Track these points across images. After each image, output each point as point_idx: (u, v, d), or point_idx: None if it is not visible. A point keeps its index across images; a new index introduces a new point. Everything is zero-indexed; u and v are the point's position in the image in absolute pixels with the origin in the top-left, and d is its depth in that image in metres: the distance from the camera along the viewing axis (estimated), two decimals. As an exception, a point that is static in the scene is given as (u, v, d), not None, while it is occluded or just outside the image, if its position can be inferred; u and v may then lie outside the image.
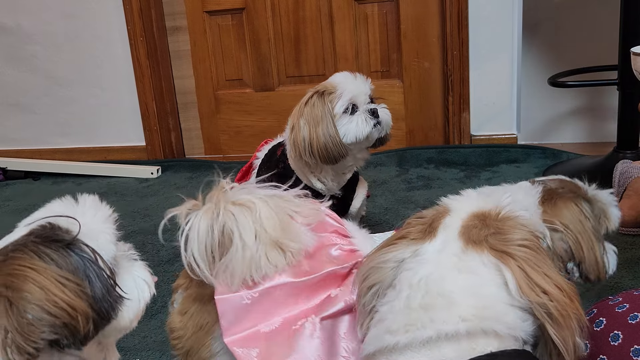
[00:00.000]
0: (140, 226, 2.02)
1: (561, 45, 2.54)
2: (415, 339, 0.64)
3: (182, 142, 2.89)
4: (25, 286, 0.60)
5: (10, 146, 2.98)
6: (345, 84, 1.41)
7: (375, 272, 0.72)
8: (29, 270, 0.62)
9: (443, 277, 0.67)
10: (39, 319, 0.60)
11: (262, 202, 0.77)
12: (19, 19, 2.76)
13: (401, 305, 0.67)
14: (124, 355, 1.28)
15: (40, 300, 0.60)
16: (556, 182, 1.03)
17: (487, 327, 0.63)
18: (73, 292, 0.63)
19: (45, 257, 0.64)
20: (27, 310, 0.60)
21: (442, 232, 0.71)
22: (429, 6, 2.44)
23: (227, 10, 2.66)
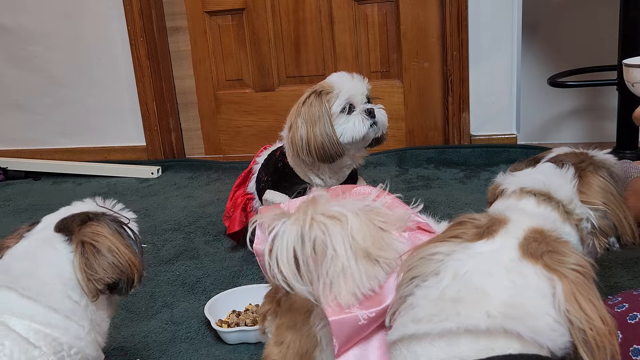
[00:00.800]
0: (140, 226, 2.01)
1: (561, 45, 2.54)
2: (434, 329, 0.64)
3: (182, 142, 2.90)
4: (105, 241, 0.90)
5: (10, 146, 2.98)
6: (342, 83, 1.41)
7: (422, 264, 0.71)
8: (106, 232, 0.92)
9: (489, 273, 0.66)
10: (111, 265, 0.89)
11: (353, 215, 0.75)
12: (19, 19, 2.77)
13: (436, 294, 0.66)
14: (124, 355, 1.28)
15: (114, 252, 0.90)
16: (571, 157, 1.08)
17: (511, 327, 0.62)
18: (132, 253, 0.94)
19: (113, 229, 0.94)
20: (106, 256, 0.89)
21: (501, 236, 0.71)
22: (428, 6, 2.44)
23: (227, 11, 2.66)
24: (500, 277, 0.66)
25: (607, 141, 2.27)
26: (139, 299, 1.52)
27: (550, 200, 1.01)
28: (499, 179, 1.11)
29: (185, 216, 2.07)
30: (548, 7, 2.52)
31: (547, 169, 1.07)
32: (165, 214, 2.12)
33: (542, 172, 1.06)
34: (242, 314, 1.34)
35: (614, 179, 1.07)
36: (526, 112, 2.56)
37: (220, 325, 1.30)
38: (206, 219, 2.02)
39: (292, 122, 1.42)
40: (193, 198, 2.27)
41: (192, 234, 1.91)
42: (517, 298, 0.64)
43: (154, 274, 1.66)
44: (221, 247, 1.78)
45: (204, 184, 2.45)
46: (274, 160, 1.56)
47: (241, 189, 1.70)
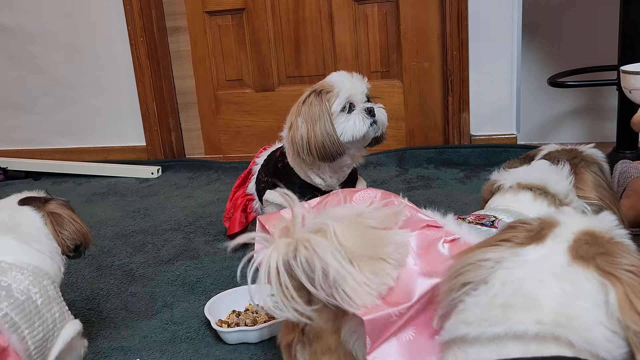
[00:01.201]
0: (140, 226, 2.02)
1: (561, 45, 2.54)
2: (484, 333, 0.64)
3: (182, 142, 2.90)
4: (66, 213, 1.18)
5: (10, 146, 2.98)
6: (342, 82, 1.41)
7: (473, 270, 0.70)
8: (64, 208, 1.19)
9: (539, 280, 0.65)
10: (75, 230, 1.17)
11: (337, 223, 0.75)
12: (19, 19, 2.77)
13: (485, 300, 0.66)
14: (124, 355, 1.28)
15: (75, 221, 1.18)
16: (563, 154, 1.10)
17: (562, 335, 0.61)
18: (84, 225, 1.20)
19: (67, 206, 1.21)
20: (71, 223, 1.17)
21: (551, 240, 0.70)
22: (428, 6, 2.44)
23: (227, 11, 2.66)
24: (550, 284, 0.65)
25: (607, 141, 2.27)
26: (139, 299, 1.52)
27: (546, 195, 1.02)
28: (495, 176, 1.12)
29: (185, 216, 2.07)
30: (548, 7, 2.52)
31: (542, 165, 1.09)
32: (165, 214, 2.12)
33: (537, 169, 1.08)
34: (242, 314, 1.34)
35: (604, 173, 1.11)
36: (526, 112, 2.56)
37: (220, 325, 1.30)
38: (206, 219, 2.02)
39: (292, 121, 1.42)
40: (193, 198, 2.27)
41: (192, 234, 1.91)
42: (569, 308, 0.63)
43: (154, 274, 1.66)
44: (221, 247, 1.78)
45: (204, 184, 2.45)
46: (274, 161, 1.56)
47: (241, 189, 1.70)
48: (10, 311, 0.94)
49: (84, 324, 1.44)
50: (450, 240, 0.84)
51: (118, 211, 2.19)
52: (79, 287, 1.60)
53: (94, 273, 1.68)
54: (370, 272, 0.74)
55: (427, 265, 0.79)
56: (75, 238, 1.17)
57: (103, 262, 1.75)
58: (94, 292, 1.57)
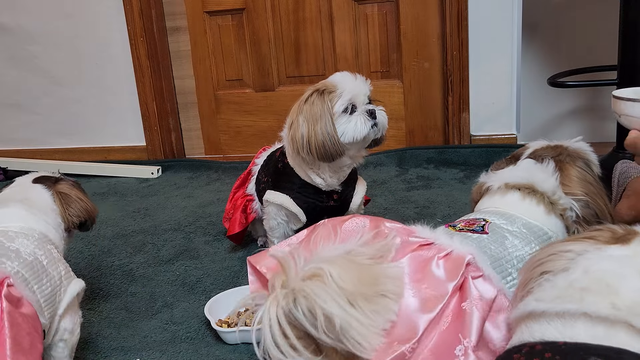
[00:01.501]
0: (140, 226, 2.02)
1: (561, 45, 2.54)
2: (554, 308, 0.63)
3: (182, 142, 2.90)
4: (74, 193, 1.30)
5: (10, 146, 2.98)
6: (345, 83, 1.41)
7: (553, 260, 0.70)
8: (73, 188, 1.31)
9: (621, 274, 0.64)
10: (81, 208, 1.29)
11: (332, 265, 0.74)
12: (19, 19, 2.77)
13: (564, 283, 0.66)
14: (124, 355, 1.28)
15: (81, 200, 1.30)
16: (548, 151, 1.10)
17: (636, 322, 0.60)
18: (91, 203, 1.33)
19: (76, 186, 1.34)
20: (77, 202, 1.29)
21: (636, 244, 0.68)
22: (428, 6, 2.44)
23: (227, 11, 2.66)
24: (633, 279, 0.63)
25: (607, 141, 2.27)
26: (139, 299, 1.52)
27: (534, 193, 1.03)
28: (483, 178, 1.12)
29: (185, 216, 2.07)
30: (548, 7, 2.52)
31: (528, 164, 1.09)
32: (165, 214, 2.12)
33: (524, 168, 1.09)
34: (242, 313, 1.34)
35: (591, 167, 1.12)
36: (526, 112, 2.56)
37: (220, 325, 1.30)
38: (206, 219, 2.02)
39: (293, 119, 1.42)
40: (193, 198, 2.27)
41: (192, 234, 1.91)
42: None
43: (154, 274, 1.66)
44: (221, 247, 1.78)
45: (204, 184, 2.45)
46: (274, 161, 1.56)
47: (240, 190, 1.70)
48: (21, 269, 1.05)
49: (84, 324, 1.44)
50: (444, 255, 0.84)
51: (118, 211, 2.19)
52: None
53: (94, 273, 1.68)
54: (372, 312, 0.74)
55: (424, 292, 0.79)
56: (80, 215, 1.30)
57: (103, 262, 1.75)
58: (94, 292, 1.57)
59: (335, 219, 0.91)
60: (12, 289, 0.99)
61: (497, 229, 0.96)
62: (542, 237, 0.97)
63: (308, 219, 1.50)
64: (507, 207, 1.03)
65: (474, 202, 1.14)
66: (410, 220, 1.83)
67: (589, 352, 0.58)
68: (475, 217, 1.01)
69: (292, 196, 1.47)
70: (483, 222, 0.97)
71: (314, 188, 1.48)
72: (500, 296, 0.84)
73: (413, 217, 1.87)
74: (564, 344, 0.61)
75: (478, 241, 0.91)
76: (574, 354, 0.59)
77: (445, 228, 0.97)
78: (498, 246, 0.91)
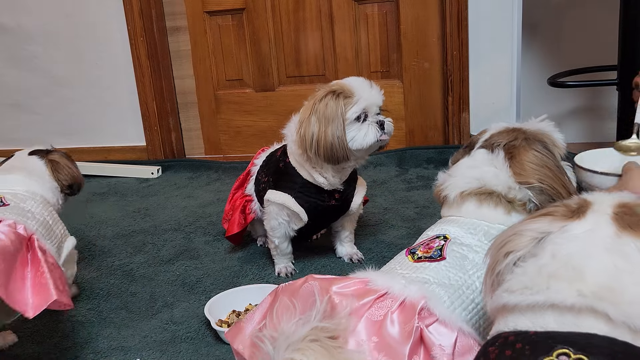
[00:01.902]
0: (140, 226, 2.02)
1: (561, 45, 2.54)
2: (524, 301, 0.64)
3: (182, 142, 2.90)
4: (63, 161, 1.56)
5: (10, 146, 2.98)
6: (362, 91, 1.41)
7: (514, 239, 0.70)
8: (62, 158, 1.58)
9: (589, 254, 0.65)
10: (68, 174, 1.55)
11: (302, 353, 0.74)
12: (19, 19, 2.77)
13: (533, 270, 0.66)
14: (124, 355, 1.29)
15: (68, 167, 1.56)
16: (503, 136, 1.08)
17: (601, 308, 0.60)
18: (78, 170, 1.60)
19: (65, 157, 1.60)
20: (65, 169, 1.56)
21: (591, 214, 0.69)
22: (428, 6, 2.44)
23: (228, 11, 2.66)
24: (601, 258, 0.64)
25: (607, 141, 2.27)
26: (139, 299, 1.52)
27: (490, 196, 1.01)
28: (441, 179, 1.10)
29: (185, 216, 2.07)
30: (548, 7, 2.52)
31: (479, 158, 1.07)
32: (165, 214, 2.12)
33: (475, 166, 1.06)
34: (242, 314, 1.34)
35: (549, 149, 1.07)
36: (526, 112, 2.56)
37: (220, 325, 1.30)
38: (206, 219, 2.02)
39: (305, 118, 1.41)
40: (193, 198, 2.27)
41: (192, 234, 1.91)
42: (617, 282, 0.62)
43: (154, 274, 1.66)
44: (221, 247, 1.78)
45: (204, 184, 2.45)
46: (275, 160, 1.56)
47: (239, 191, 1.70)
48: (38, 227, 1.27)
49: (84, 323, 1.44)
50: (397, 306, 0.82)
51: (118, 211, 2.19)
52: (80, 287, 1.60)
53: (94, 273, 1.68)
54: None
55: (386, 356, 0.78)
56: (68, 179, 1.54)
57: (103, 262, 1.76)
58: (94, 292, 1.57)
59: (289, 288, 0.90)
60: (40, 242, 1.21)
61: (455, 250, 0.94)
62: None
63: (309, 219, 1.50)
64: (467, 216, 1.02)
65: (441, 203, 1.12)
66: (410, 220, 1.84)
67: (557, 340, 0.60)
68: (436, 235, 0.98)
69: (293, 195, 1.48)
70: (442, 242, 0.95)
71: (316, 187, 1.48)
72: (461, 336, 0.82)
73: (413, 217, 1.87)
74: (535, 334, 0.62)
75: (436, 272, 0.89)
76: (543, 343, 0.60)
77: (405, 257, 0.95)
78: (458, 271, 0.90)
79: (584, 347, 0.58)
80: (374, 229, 1.81)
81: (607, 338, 0.60)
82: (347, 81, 1.45)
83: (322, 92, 1.42)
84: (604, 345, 0.59)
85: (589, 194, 0.75)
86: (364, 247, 1.66)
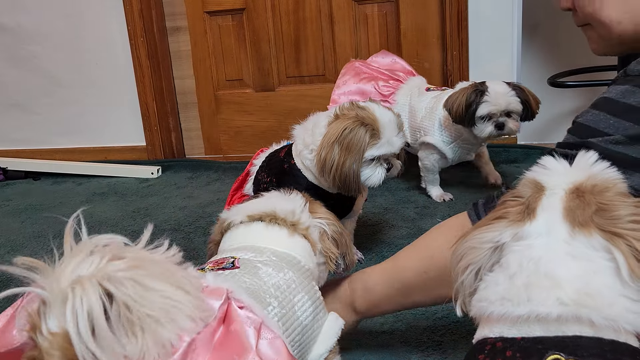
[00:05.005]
0: (140, 226, 2.02)
1: (561, 46, 2.54)
2: (509, 314, 0.64)
3: (182, 142, 2.90)
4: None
5: (10, 146, 2.98)
6: (389, 133, 1.38)
7: (471, 253, 0.71)
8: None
9: (554, 261, 0.65)
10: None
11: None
12: (19, 19, 2.77)
13: (505, 278, 0.66)
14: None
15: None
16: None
17: (584, 315, 0.61)
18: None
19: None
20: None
21: (542, 213, 0.68)
22: (428, 6, 2.44)
23: (228, 11, 2.66)
24: (566, 265, 0.64)
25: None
26: (139, 299, 1.52)
27: (276, 220, 1.01)
28: (223, 215, 1.06)
29: (185, 216, 2.07)
30: (548, 7, 2.52)
31: (272, 194, 1.09)
32: (165, 214, 2.12)
33: (266, 198, 1.07)
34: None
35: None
36: (526, 112, 2.55)
37: None
38: (206, 219, 2.02)
39: (328, 143, 1.38)
40: (193, 198, 2.27)
41: (192, 234, 1.91)
42: (591, 285, 0.63)
43: (154, 274, 1.65)
44: (221, 247, 1.78)
45: (204, 184, 2.45)
46: (278, 161, 1.55)
47: (239, 192, 1.70)
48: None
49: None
50: (202, 290, 0.77)
51: (118, 211, 2.19)
52: (79, 287, 1.60)
53: (94, 273, 1.68)
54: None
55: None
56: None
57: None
58: (94, 292, 1.57)
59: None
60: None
61: (247, 262, 0.92)
62: (292, 262, 0.95)
63: None
64: (253, 239, 1.00)
65: (215, 244, 1.07)
66: (410, 220, 1.84)
67: (547, 345, 0.60)
68: (223, 257, 0.96)
69: None
70: (232, 259, 0.93)
71: (322, 190, 1.47)
72: (264, 327, 0.78)
73: (413, 217, 1.87)
74: (522, 339, 0.62)
75: (232, 276, 0.87)
76: (533, 349, 0.61)
77: (195, 270, 0.90)
78: (252, 277, 0.88)
79: (574, 351, 0.59)
80: (374, 229, 1.81)
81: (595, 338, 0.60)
82: (379, 114, 1.39)
83: (352, 120, 1.37)
84: (593, 346, 0.60)
85: (538, 172, 0.73)
86: (364, 247, 1.66)
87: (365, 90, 2.03)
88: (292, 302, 0.89)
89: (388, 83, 2.04)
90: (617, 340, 0.61)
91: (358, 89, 2.04)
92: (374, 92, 2.01)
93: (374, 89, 2.02)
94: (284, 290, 0.89)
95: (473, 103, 1.80)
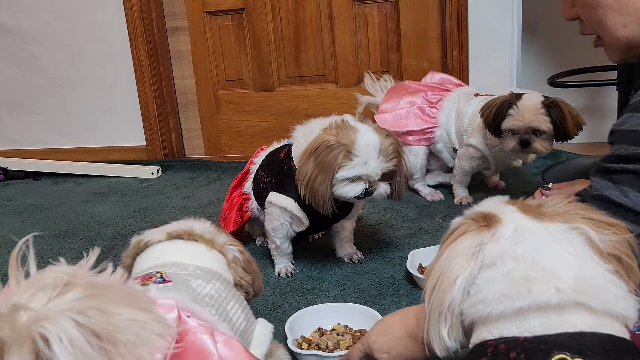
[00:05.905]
0: (140, 226, 2.02)
1: (561, 46, 2.54)
2: (508, 309, 0.64)
3: (182, 142, 2.90)
4: None
5: (10, 146, 2.98)
6: (367, 155, 1.34)
7: (455, 263, 0.70)
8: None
9: (546, 252, 0.66)
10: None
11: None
12: (19, 19, 2.77)
13: (501, 275, 0.67)
14: (124, 355, 1.28)
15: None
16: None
17: (583, 300, 0.62)
18: None
19: None
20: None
21: (504, 216, 0.71)
22: (428, 6, 2.44)
23: (228, 11, 2.66)
24: (555, 252, 0.66)
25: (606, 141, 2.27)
26: (139, 299, 1.52)
27: (194, 236, 1.02)
28: (137, 237, 1.05)
29: (185, 216, 2.07)
30: (548, 7, 2.52)
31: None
32: (165, 214, 2.12)
33: (182, 220, 1.10)
34: (327, 333, 1.23)
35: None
36: (526, 112, 2.55)
37: (301, 344, 1.18)
38: (206, 219, 2.02)
39: (305, 155, 1.38)
40: (193, 198, 2.27)
41: (192, 234, 1.91)
42: (583, 273, 0.64)
43: (154, 274, 1.65)
44: (221, 247, 1.78)
45: (204, 184, 2.45)
46: (279, 162, 1.55)
47: (237, 189, 1.70)
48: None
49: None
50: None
51: (118, 211, 2.19)
52: (79, 287, 1.59)
53: (94, 273, 1.68)
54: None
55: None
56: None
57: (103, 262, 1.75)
58: (94, 292, 1.57)
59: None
60: None
61: (176, 276, 0.91)
62: (216, 275, 0.95)
63: (310, 222, 1.50)
64: (173, 256, 0.99)
65: (128, 266, 1.05)
66: (410, 220, 1.84)
67: (551, 345, 0.61)
68: (149, 272, 0.93)
69: (296, 199, 1.47)
70: (159, 274, 0.91)
71: None
72: (216, 331, 0.77)
73: (413, 217, 1.87)
74: (525, 340, 0.63)
75: (165, 290, 0.85)
76: (537, 349, 0.61)
77: (140, 286, 0.89)
78: (186, 289, 0.87)
79: (579, 350, 0.59)
80: (374, 229, 1.81)
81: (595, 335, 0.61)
82: (361, 136, 1.35)
83: (331, 136, 1.35)
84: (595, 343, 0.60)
85: (476, 207, 0.77)
86: (364, 247, 1.66)
87: (414, 101, 2.02)
88: (226, 310, 0.89)
89: (437, 92, 2.03)
90: (614, 336, 0.62)
91: (407, 102, 2.04)
92: (422, 100, 2.01)
93: (422, 98, 2.02)
94: (217, 299, 0.89)
95: (500, 114, 1.73)
